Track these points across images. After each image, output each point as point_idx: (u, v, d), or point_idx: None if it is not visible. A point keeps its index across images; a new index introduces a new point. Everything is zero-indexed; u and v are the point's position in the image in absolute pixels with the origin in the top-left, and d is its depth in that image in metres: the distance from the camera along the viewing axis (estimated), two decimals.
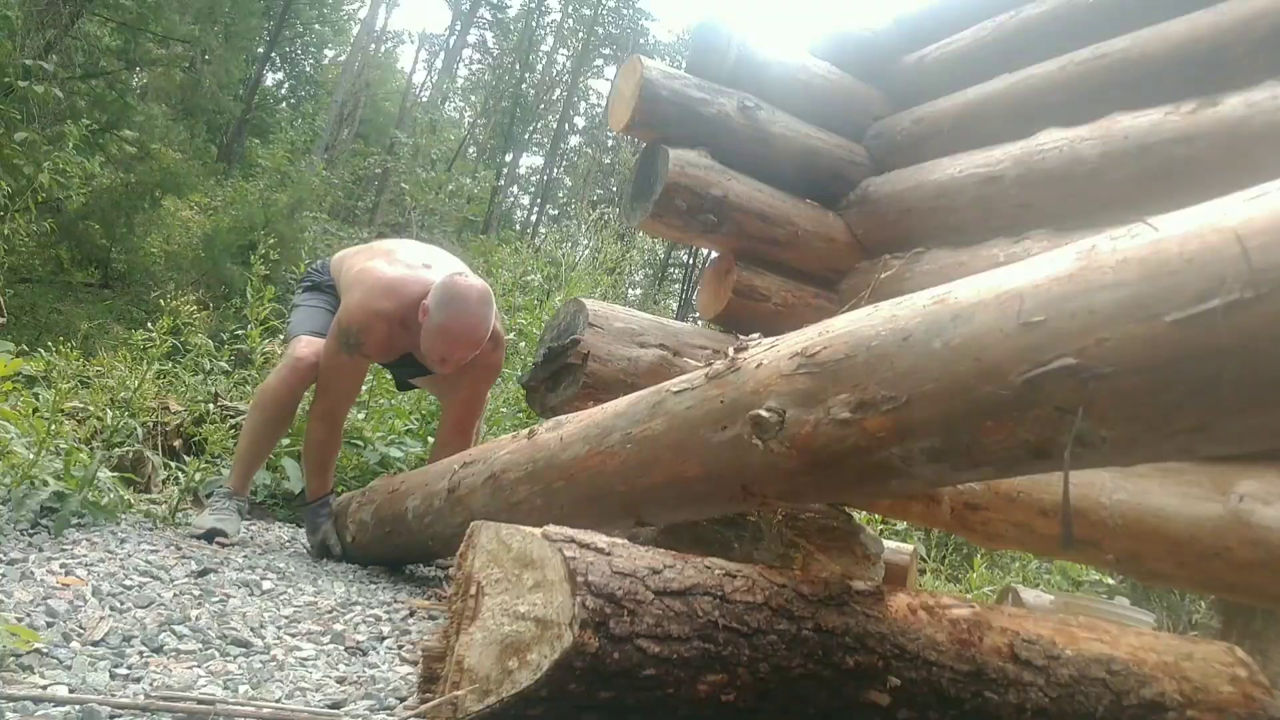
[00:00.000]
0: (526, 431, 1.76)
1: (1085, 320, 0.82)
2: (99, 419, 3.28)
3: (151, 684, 1.26)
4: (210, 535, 2.44)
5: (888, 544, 2.90)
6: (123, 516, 2.43)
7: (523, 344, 5.23)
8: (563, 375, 2.21)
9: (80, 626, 1.47)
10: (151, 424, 3.50)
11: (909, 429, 0.98)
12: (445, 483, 1.98)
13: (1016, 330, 0.87)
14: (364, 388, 4.03)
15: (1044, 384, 0.84)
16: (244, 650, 1.50)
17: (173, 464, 3.16)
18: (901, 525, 4.83)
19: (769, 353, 1.18)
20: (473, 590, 1.08)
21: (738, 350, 1.23)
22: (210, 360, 4.32)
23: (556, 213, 27.98)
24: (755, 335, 1.26)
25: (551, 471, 1.59)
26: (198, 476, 2.91)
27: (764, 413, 1.12)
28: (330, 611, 1.86)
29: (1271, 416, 0.77)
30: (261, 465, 2.91)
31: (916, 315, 0.99)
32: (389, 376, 4.04)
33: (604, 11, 27.67)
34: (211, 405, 3.75)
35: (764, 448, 1.13)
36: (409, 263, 2.66)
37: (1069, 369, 0.82)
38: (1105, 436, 0.84)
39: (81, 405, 3.47)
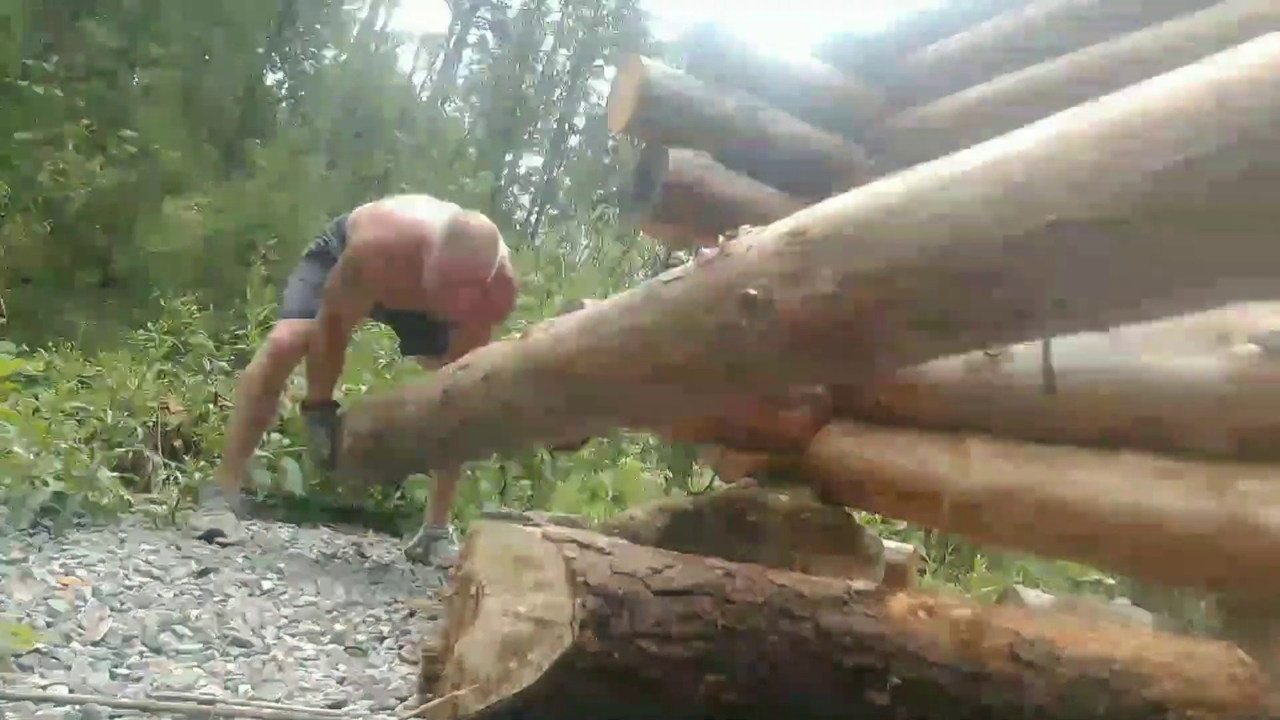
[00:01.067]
0: (520, 333, 1.76)
1: (1066, 184, 0.83)
2: (99, 419, 3.27)
3: (151, 684, 1.26)
4: (209, 536, 2.42)
5: (888, 544, 2.90)
6: (123, 516, 2.43)
7: None
8: None
9: (80, 626, 1.47)
10: (151, 424, 3.49)
11: (893, 299, 1.00)
12: (440, 388, 1.97)
13: (1000, 197, 0.89)
14: (363, 387, 4.03)
15: (1026, 248, 0.86)
16: (244, 650, 1.50)
17: (173, 464, 3.15)
18: (901, 525, 4.82)
19: (759, 237, 1.20)
20: (473, 590, 1.08)
21: (728, 238, 1.25)
22: (210, 360, 4.32)
23: (557, 213, 27.97)
24: (745, 225, 1.28)
25: (544, 370, 1.58)
26: (197, 476, 2.91)
27: (753, 290, 1.14)
28: (330, 612, 1.86)
29: (1242, 277, 0.78)
30: (250, 454, 2.86)
31: (901, 189, 1.01)
32: (389, 377, 4.04)
33: (605, 12, 27.66)
34: (211, 405, 3.75)
35: (752, 326, 1.14)
36: (424, 208, 2.64)
37: (1051, 229, 0.84)
38: (1082, 298, 0.86)
39: (81, 405, 3.46)
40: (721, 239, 1.26)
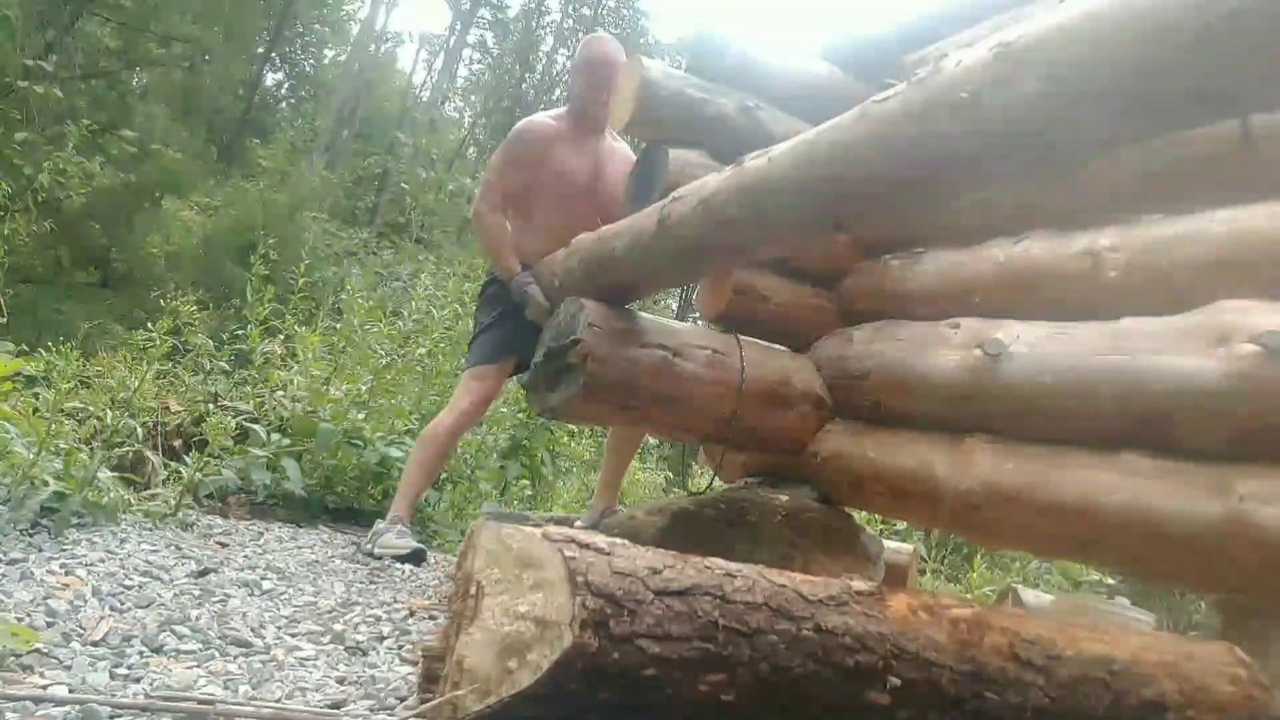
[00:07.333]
0: (733, 165, 1.93)
1: None
2: (99, 419, 3.27)
3: (151, 684, 1.26)
4: (415, 558, 2.66)
5: (888, 544, 2.90)
6: (123, 516, 2.43)
7: None
8: (563, 376, 2.20)
9: (80, 626, 1.47)
10: (151, 424, 3.49)
11: (1084, 95, 1.15)
12: (654, 218, 2.11)
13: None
14: (364, 387, 4.04)
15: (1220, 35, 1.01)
16: (244, 650, 1.50)
17: (172, 464, 3.16)
18: (901, 525, 4.83)
19: (970, 52, 1.34)
20: (473, 590, 1.08)
21: (940, 59, 1.39)
22: (210, 360, 4.32)
23: None
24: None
25: (760, 190, 1.77)
26: (198, 475, 2.91)
27: (963, 94, 1.29)
28: (330, 611, 1.86)
29: None
30: (420, 496, 3.15)
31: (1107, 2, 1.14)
32: (389, 377, 4.05)
33: (604, 12, 27.65)
34: (211, 405, 3.75)
35: (958, 127, 1.31)
36: None
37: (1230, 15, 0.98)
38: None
39: (81, 405, 3.46)
40: (932, 59, 1.41)
